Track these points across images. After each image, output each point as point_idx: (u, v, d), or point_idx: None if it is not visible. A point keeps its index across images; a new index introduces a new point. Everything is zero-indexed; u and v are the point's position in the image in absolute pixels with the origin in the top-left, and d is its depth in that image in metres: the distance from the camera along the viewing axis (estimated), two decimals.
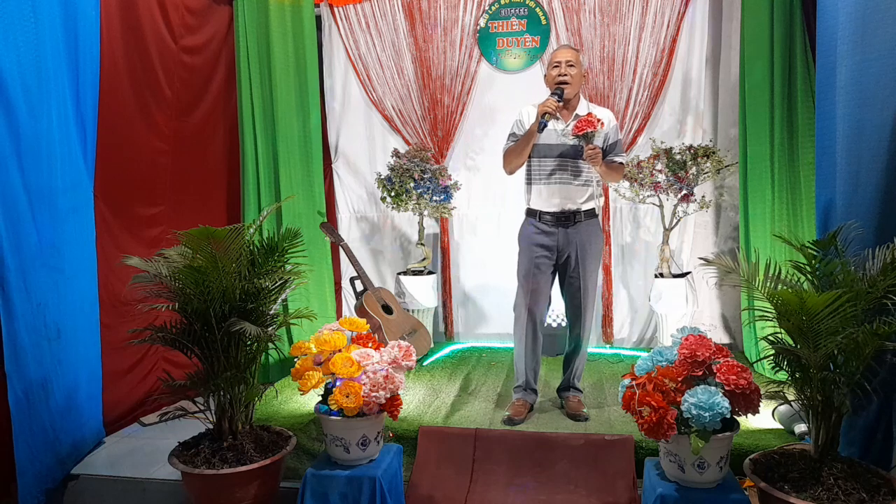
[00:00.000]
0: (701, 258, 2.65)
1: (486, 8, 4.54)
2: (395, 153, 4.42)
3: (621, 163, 3.25)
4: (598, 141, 3.13)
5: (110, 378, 3.38)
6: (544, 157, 3.18)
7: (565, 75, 3.10)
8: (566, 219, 3.17)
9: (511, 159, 3.22)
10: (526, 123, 3.21)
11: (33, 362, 2.81)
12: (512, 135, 3.26)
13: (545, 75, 3.25)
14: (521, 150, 3.16)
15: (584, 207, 3.19)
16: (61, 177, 3.00)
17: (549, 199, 3.19)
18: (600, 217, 3.29)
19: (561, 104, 3.06)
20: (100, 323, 3.27)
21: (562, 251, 3.19)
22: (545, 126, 3.02)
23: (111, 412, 3.42)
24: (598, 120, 3.04)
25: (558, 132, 3.15)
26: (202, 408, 2.70)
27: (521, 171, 3.27)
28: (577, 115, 3.16)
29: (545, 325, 4.36)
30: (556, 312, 4.36)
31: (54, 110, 2.95)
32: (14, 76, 2.74)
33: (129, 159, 3.61)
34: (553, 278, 3.28)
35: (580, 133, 3.03)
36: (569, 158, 3.14)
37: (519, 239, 3.32)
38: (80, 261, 3.14)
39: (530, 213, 3.28)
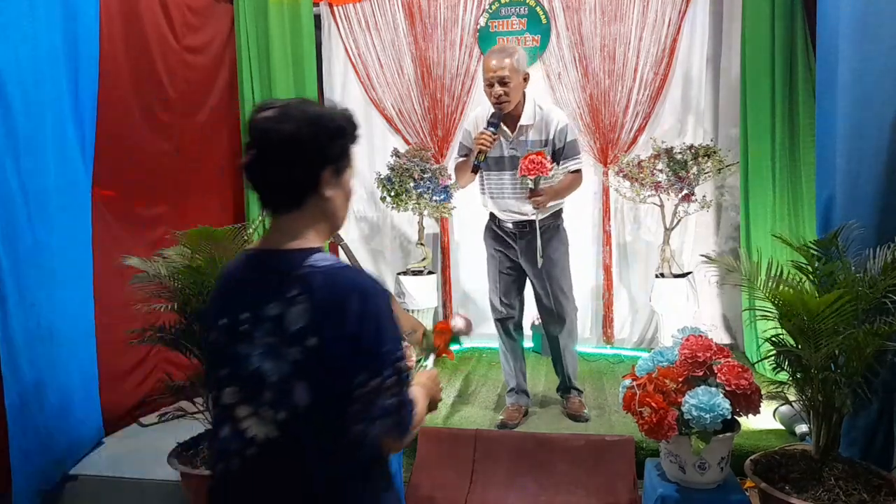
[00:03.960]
0: (703, 255, 2.65)
1: (486, 7, 4.53)
2: (395, 153, 4.41)
3: (577, 170, 3.02)
4: (551, 133, 2.97)
5: (111, 379, 3.37)
6: (493, 170, 3.07)
7: (500, 96, 2.85)
8: (523, 227, 3.08)
9: (458, 178, 3.12)
10: (472, 131, 3.04)
11: (26, 363, 2.80)
12: (461, 146, 3.14)
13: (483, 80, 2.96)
14: (463, 173, 3.04)
15: (541, 215, 3.06)
16: (54, 176, 2.99)
17: (502, 210, 3.10)
18: (560, 219, 3.20)
19: (497, 135, 2.89)
20: (95, 324, 3.26)
21: (523, 258, 3.13)
22: (479, 166, 2.90)
23: (112, 413, 3.41)
24: (549, 163, 2.84)
25: (505, 145, 3.00)
26: (201, 408, 2.70)
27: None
28: (521, 126, 2.98)
29: (537, 325, 4.37)
30: None
31: (48, 109, 2.94)
32: (12, 76, 2.73)
33: (131, 159, 3.60)
34: (522, 280, 3.23)
35: (526, 175, 2.83)
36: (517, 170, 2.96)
37: (483, 240, 3.28)
38: (73, 261, 3.12)
39: (491, 216, 3.22)
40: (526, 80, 2.96)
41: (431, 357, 1.82)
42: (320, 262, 1.20)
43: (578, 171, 3.06)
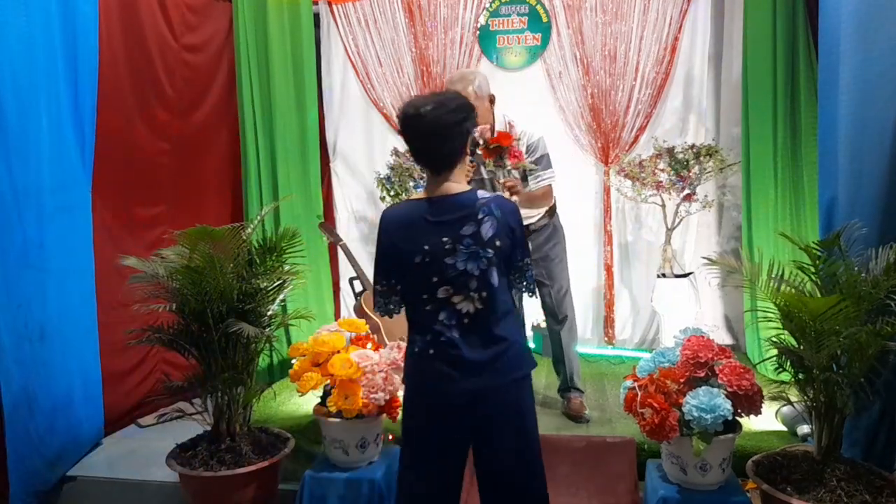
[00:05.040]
0: (704, 257, 2.63)
1: (487, 5, 4.51)
2: (395, 152, 4.40)
3: (547, 185, 3.00)
4: (522, 147, 2.95)
5: (110, 379, 3.36)
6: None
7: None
8: None
9: None
10: None
11: (14, 364, 2.78)
12: None
13: None
14: None
15: (532, 220, 3.05)
16: (49, 176, 2.97)
17: None
18: (555, 217, 3.19)
19: (475, 163, 2.86)
20: (97, 324, 3.25)
21: None
22: None
23: (110, 413, 3.39)
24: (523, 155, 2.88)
25: (483, 169, 2.97)
26: (200, 409, 2.69)
27: None
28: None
29: (539, 326, 4.35)
30: None
31: (44, 109, 2.93)
32: (6, 75, 2.72)
33: (130, 159, 3.59)
34: None
35: (499, 145, 2.82)
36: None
37: None
38: (69, 260, 3.10)
39: None
40: (492, 102, 2.94)
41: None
42: (486, 196, 1.89)
43: (548, 188, 3.03)
